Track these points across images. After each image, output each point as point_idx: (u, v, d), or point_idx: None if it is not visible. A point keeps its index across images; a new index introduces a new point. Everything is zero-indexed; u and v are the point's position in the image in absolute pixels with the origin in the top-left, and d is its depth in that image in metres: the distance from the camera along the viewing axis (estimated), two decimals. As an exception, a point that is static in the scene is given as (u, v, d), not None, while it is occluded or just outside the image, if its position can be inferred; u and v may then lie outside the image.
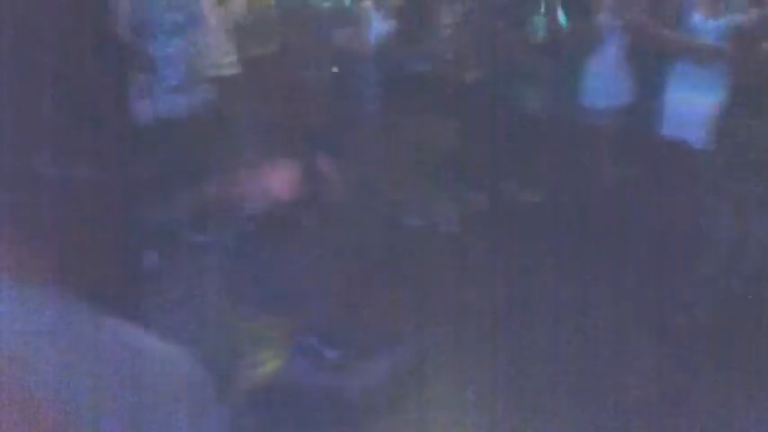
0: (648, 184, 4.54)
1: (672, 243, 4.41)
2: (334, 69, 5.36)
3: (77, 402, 0.69)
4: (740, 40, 4.34)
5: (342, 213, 3.67)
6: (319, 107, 5.23)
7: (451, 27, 5.02)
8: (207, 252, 4.50)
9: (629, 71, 4.77)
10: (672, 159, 4.55)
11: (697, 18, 4.49)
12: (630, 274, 4.19)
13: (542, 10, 4.91)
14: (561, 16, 4.90)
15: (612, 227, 4.36)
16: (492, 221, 4.41)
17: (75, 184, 0.74)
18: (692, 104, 4.47)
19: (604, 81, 4.72)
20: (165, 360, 0.75)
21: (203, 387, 0.76)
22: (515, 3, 4.92)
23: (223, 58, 5.15)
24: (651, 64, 4.67)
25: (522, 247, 4.34)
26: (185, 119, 4.74)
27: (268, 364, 3.78)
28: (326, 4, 5.51)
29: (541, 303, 3.99)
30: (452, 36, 5.01)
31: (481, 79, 4.90)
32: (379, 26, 5.00)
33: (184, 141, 4.67)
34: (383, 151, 4.75)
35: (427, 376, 3.47)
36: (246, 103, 5.41)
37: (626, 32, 4.68)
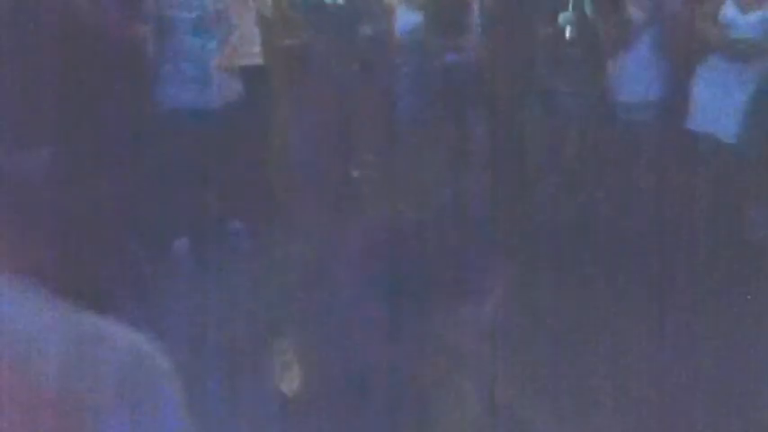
0: (683, 182, 4.49)
1: (705, 239, 4.37)
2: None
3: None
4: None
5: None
6: (346, 102, 5.20)
7: (480, 20, 4.97)
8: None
9: (663, 66, 4.72)
10: (705, 155, 4.51)
11: (732, 12, 4.45)
12: (658, 270, 4.15)
13: (573, 3, 4.85)
14: (592, 9, 4.84)
15: (645, 222, 4.32)
16: (521, 213, 4.37)
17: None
18: (725, 100, 4.43)
19: (636, 76, 4.68)
20: (128, 348, 0.77)
21: (167, 374, 0.78)
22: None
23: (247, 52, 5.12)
24: (685, 58, 4.62)
25: (546, 239, 4.31)
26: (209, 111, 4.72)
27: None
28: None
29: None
30: (481, 30, 4.97)
31: (510, 73, 4.86)
32: (407, 18, 4.95)
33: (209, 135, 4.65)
34: (413, 145, 4.71)
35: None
36: (271, 97, 5.38)
37: (660, 26, 4.64)
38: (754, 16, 4.41)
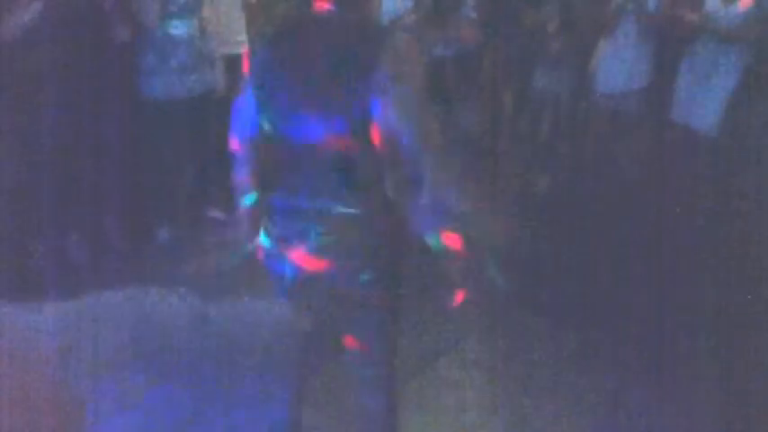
0: (664, 170, 4.57)
1: (684, 229, 4.44)
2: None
3: None
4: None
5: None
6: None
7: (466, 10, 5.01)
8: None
9: (645, 54, 4.80)
10: (686, 145, 4.59)
11: (714, 5, 4.52)
12: (639, 259, 4.20)
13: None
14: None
15: (625, 211, 4.38)
16: (515, 204, 4.44)
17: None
18: (707, 89, 4.51)
19: (620, 64, 4.75)
20: None
21: None
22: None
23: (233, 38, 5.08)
24: (668, 47, 4.70)
25: (536, 228, 4.37)
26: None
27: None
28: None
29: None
30: (467, 19, 5.00)
31: (496, 63, 4.90)
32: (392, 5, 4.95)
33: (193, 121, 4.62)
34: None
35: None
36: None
37: (642, 14, 4.71)
38: (733, 9, 4.48)
